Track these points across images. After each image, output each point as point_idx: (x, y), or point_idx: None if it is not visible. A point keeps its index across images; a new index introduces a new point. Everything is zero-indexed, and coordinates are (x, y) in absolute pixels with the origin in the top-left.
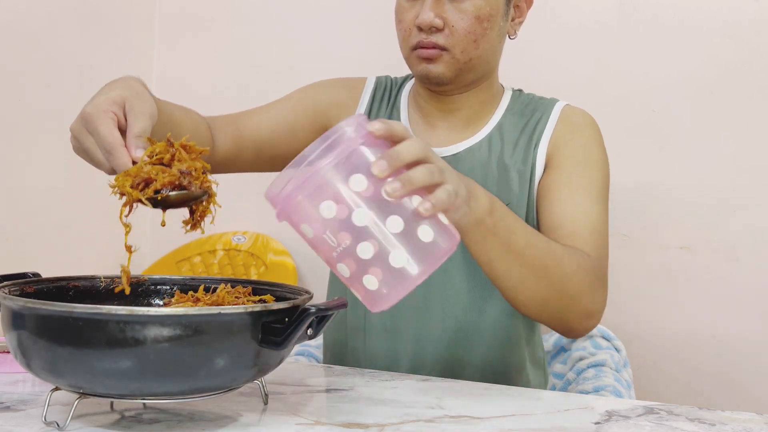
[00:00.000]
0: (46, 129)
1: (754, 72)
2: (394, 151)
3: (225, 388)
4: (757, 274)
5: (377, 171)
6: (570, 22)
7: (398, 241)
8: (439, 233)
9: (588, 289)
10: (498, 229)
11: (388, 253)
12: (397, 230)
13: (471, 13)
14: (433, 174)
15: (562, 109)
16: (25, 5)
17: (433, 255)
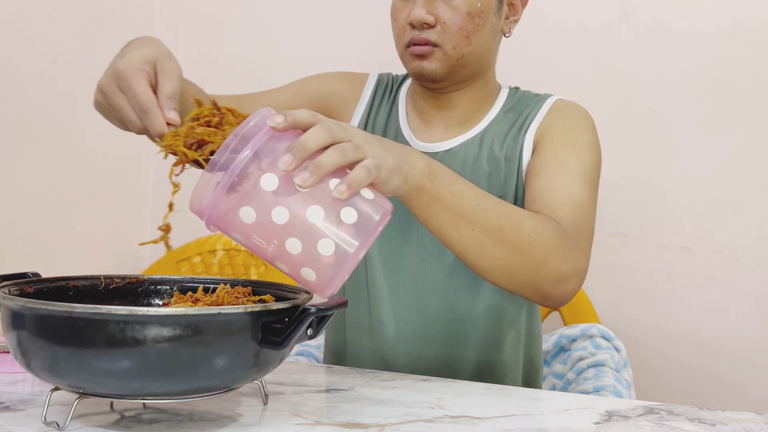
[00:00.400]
0: (46, 129)
1: (754, 72)
2: (298, 142)
3: (225, 388)
4: (757, 274)
5: (284, 166)
6: (570, 22)
7: (324, 230)
8: (365, 210)
9: (556, 251)
10: (441, 194)
11: (315, 244)
12: (319, 219)
13: (462, 10)
14: (345, 153)
15: (555, 101)
16: (25, 5)
17: (364, 232)
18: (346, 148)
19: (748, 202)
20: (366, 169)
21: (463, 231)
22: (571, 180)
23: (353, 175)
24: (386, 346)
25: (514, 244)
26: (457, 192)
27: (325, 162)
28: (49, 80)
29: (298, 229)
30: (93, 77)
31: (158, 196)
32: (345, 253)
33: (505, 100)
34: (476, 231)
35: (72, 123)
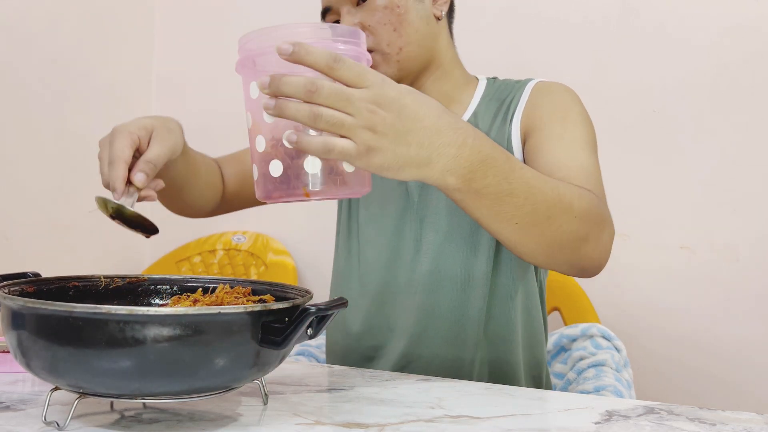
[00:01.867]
0: (46, 129)
1: (754, 72)
2: (280, 77)
3: (225, 387)
4: (757, 274)
5: (259, 84)
6: (570, 22)
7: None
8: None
9: (598, 226)
10: (482, 194)
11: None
12: (260, 147)
13: (379, 7)
14: (318, 119)
15: (535, 84)
16: (25, 5)
17: (277, 189)
18: (325, 116)
19: (748, 202)
20: (341, 149)
21: (506, 224)
22: (575, 151)
23: (309, 139)
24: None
25: (561, 229)
26: (504, 190)
27: (288, 111)
28: (49, 80)
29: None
30: (93, 77)
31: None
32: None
33: (483, 90)
34: (522, 223)
35: (72, 123)
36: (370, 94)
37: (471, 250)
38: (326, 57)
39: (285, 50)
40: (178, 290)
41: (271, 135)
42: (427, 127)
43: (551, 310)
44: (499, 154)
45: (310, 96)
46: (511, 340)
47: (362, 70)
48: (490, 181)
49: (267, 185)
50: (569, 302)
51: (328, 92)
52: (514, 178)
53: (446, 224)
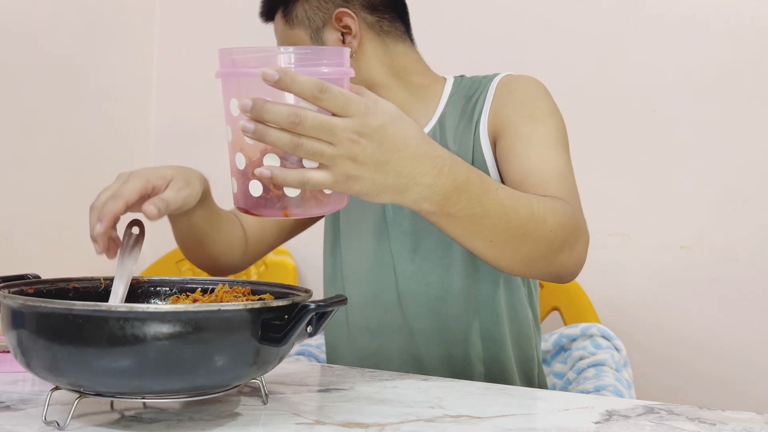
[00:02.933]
0: (45, 129)
1: (754, 72)
2: (264, 104)
3: (225, 385)
4: (757, 274)
5: (240, 107)
6: (570, 21)
7: (235, 173)
8: (267, 196)
9: (572, 235)
10: (457, 217)
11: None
12: (240, 164)
13: None
14: (298, 149)
15: (500, 79)
16: (25, 5)
17: (260, 206)
18: (306, 146)
19: (748, 202)
20: (317, 180)
21: (480, 242)
22: (545, 152)
23: (284, 174)
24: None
25: (536, 243)
26: (477, 213)
27: (269, 137)
28: (49, 80)
29: (229, 151)
30: (93, 77)
31: None
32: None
33: (450, 90)
34: (495, 241)
35: (72, 123)
36: (354, 123)
37: (445, 266)
38: (312, 87)
39: (271, 76)
40: (178, 291)
41: (250, 155)
42: (405, 157)
43: (551, 310)
44: (474, 179)
45: (294, 126)
46: (498, 340)
47: (347, 100)
48: (464, 205)
49: (246, 201)
50: (569, 302)
51: (311, 123)
52: (488, 200)
53: (415, 243)
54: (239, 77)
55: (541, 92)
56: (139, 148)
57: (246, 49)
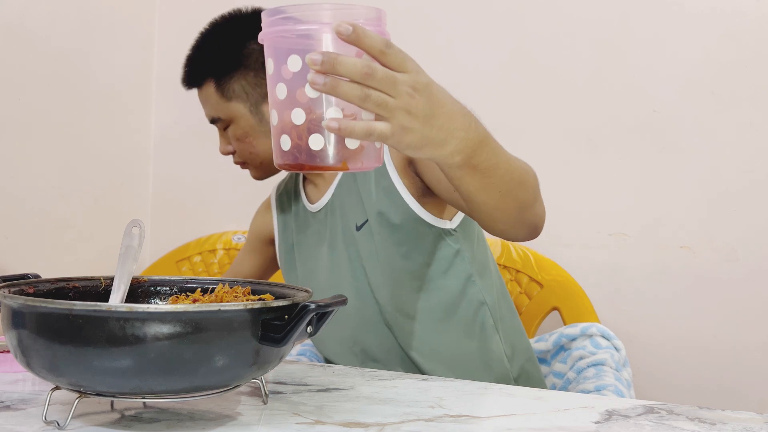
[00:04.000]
0: (46, 129)
1: (754, 72)
2: (336, 58)
3: (225, 385)
4: (757, 274)
5: (309, 60)
6: (570, 21)
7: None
8: (336, 146)
9: (539, 197)
10: (477, 168)
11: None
12: (299, 120)
13: (235, 138)
14: (367, 100)
15: None
16: (25, 5)
17: (320, 160)
18: (373, 97)
19: (748, 203)
20: (380, 132)
21: (492, 193)
22: None
23: (352, 125)
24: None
25: (527, 190)
26: (494, 164)
27: (341, 90)
28: (49, 80)
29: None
30: (93, 77)
31: (158, 196)
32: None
33: None
34: (503, 190)
35: (72, 123)
36: (410, 79)
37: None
38: (380, 42)
39: (345, 30)
40: (178, 291)
41: (311, 109)
42: (446, 112)
43: (551, 309)
44: (490, 135)
45: (365, 78)
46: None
47: (405, 57)
48: (485, 156)
49: (299, 155)
50: (569, 302)
51: (381, 76)
52: (500, 153)
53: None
54: (300, 33)
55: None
56: (139, 148)
57: (303, 6)
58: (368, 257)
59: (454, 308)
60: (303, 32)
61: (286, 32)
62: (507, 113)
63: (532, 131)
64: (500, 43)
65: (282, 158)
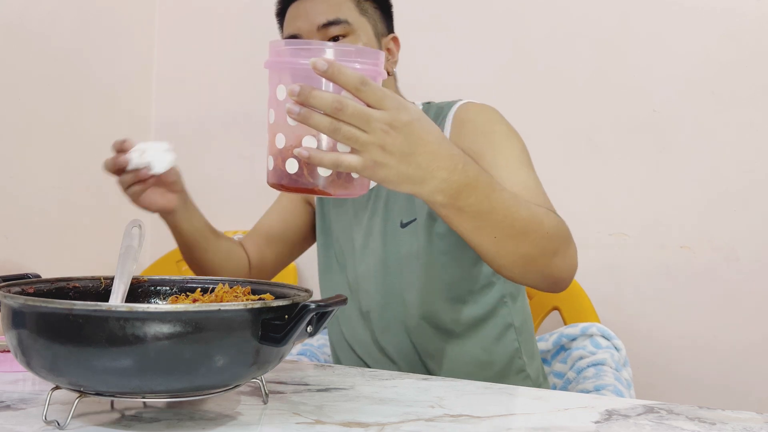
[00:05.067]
0: (46, 129)
1: (754, 72)
2: (310, 90)
3: (225, 385)
4: (757, 274)
5: (288, 91)
6: (570, 21)
7: (272, 150)
8: (310, 172)
9: (565, 240)
10: (466, 211)
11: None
12: (280, 144)
13: None
14: (336, 132)
15: (455, 112)
16: (25, 5)
17: (290, 181)
18: (343, 131)
19: (748, 202)
20: (348, 163)
21: (485, 238)
22: (513, 172)
23: (321, 155)
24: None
25: (535, 243)
26: (485, 208)
27: (312, 120)
28: (49, 80)
29: (270, 132)
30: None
31: None
32: (271, 179)
33: None
34: (500, 237)
35: (72, 123)
36: (387, 116)
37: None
38: (355, 79)
39: (320, 66)
40: (178, 291)
41: (291, 136)
42: (427, 152)
43: (551, 309)
44: (484, 177)
45: (335, 113)
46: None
47: (383, 95)
48: (473, 200)
49: (281, 177)
50: (569, 302)
51: (351, 112)
52: (494, 197)
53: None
54: (288, 66)
55: (494, 116)
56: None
57: (294, 42)
58: (407, 257)
59: (481, 325)
60: (298, 66)
61: (284, 63)
62: (507, 113)
63: (532, 131)
64: (500, 43)
65: (269, 178)
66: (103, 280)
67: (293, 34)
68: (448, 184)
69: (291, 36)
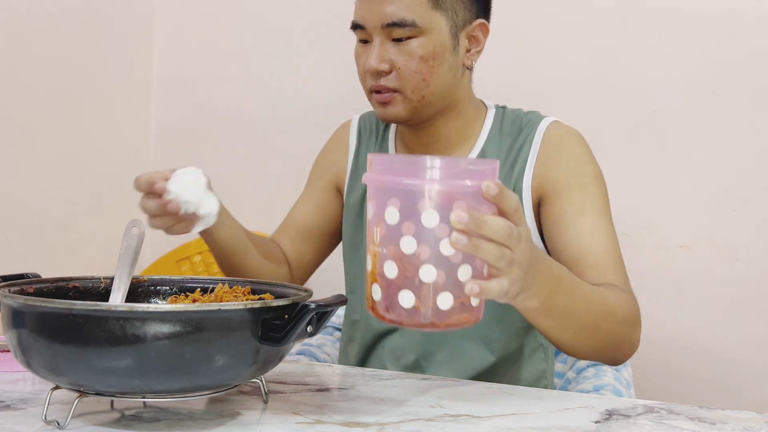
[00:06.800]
0: (46, 129)
1: (754, 72)
2: (482, 219)
3: (225, 385)
4: (757, 273)
5: (455, 219)
6: (571, 21)
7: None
8: (455, 309)
9: (632, 323)
10: (553, 311)
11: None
12: (429, 278)
13: (416, 54)
14: (501, 259)
15: (546, 130)
16: (25, 5)
17: (438, 317)
18: (505, 256)
19: (748, 202)
20: (499, 288)
21: (567, 333)
22: (599, 227)
23: (488, 287)
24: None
25: (606, 334)
26: (569, 306)
27: (482, 250)
28: (49, 80)
29: (407, 263)
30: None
31: None
32: (413, 318)
33: (492, 123)
34: (578, 330)
35: (72, 123)
36: (526, 232)
37: None
38: (516, 202)
39: (492, 190)
40: (178, 291)
41: (405, 265)
42: (532, 262)
43: None
44: (564, 273)
45: (506, 239)
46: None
47: (522, 213)
48: (560, 299)
49: (395, 310)
50: None
51: (516, 234)
52: (576, 292)
53: None
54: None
55: (586, 152)
56: (139, 148)
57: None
58: None
59: (518, 338)
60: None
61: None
62: None
63: None
64: (500, 43)
65: (375, 307)
66: (103, 280)
67: (358, 23)
68: (542, 288)
69: (355, 24)
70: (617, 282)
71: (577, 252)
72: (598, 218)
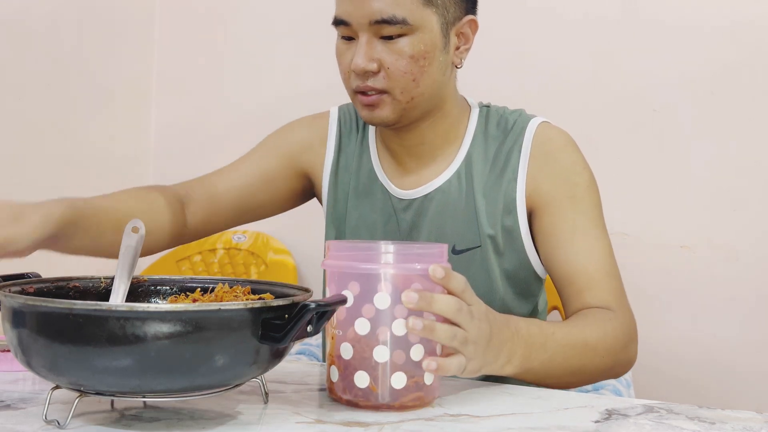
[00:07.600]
0: (46, 129)
1: (754, 72)
2: (431, 296)
3: (225, 385)
4: (757, 274)
5: (405, 299)
6: (570, 20)
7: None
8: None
9: (625, 346)
10: (531, 371)
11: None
12: (381, 358)
13: (406, 53)
14: (453, 339)
15: (535, 134)
16: (26, 5)
17: (391, 398)
18: (457, 335)
19: (748, 202)
20: (457, 366)
21: (550, 380)
22: (590, 243)
23: (447, 363)
24: None
25: (592, 368)
26: (546, 360)
27: (437, 333)
28: (49, 80)
29: (362, 344)
30: (93, 77)
31: None
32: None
33: (476, 124)
34: (561, 376)
35: (72, 123)
36: (477, 310)
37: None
38: (463, 282)
39: (439, 274)
40: (178, 290)
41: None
42: (497, 334)
43: (551, 309)
44: (534, 330)
45: (456, 315)
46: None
47: (471, 292)
48: (536, 356)
49: (351, 390)
50: None
51: (466, 312)
52: (550, 346)
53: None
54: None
55: (578, 160)
56: (139, 149)
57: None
58: None
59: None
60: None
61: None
62: None
63: None
64: (500, 43)
65: (335, 390)
66: (103, 280)
67: (342, 19)
68: (513, 355)
69: (339, 20)
70: (610, 301)
71: (570, 273)
72: (592, 233)
